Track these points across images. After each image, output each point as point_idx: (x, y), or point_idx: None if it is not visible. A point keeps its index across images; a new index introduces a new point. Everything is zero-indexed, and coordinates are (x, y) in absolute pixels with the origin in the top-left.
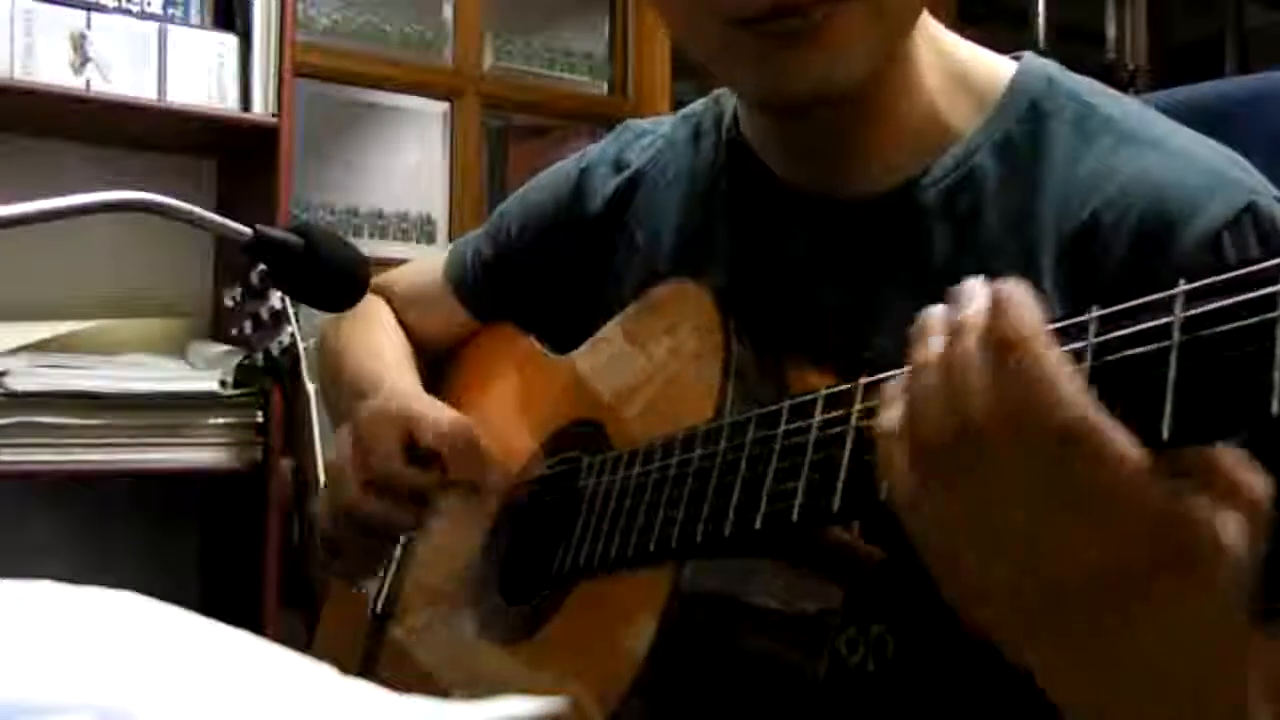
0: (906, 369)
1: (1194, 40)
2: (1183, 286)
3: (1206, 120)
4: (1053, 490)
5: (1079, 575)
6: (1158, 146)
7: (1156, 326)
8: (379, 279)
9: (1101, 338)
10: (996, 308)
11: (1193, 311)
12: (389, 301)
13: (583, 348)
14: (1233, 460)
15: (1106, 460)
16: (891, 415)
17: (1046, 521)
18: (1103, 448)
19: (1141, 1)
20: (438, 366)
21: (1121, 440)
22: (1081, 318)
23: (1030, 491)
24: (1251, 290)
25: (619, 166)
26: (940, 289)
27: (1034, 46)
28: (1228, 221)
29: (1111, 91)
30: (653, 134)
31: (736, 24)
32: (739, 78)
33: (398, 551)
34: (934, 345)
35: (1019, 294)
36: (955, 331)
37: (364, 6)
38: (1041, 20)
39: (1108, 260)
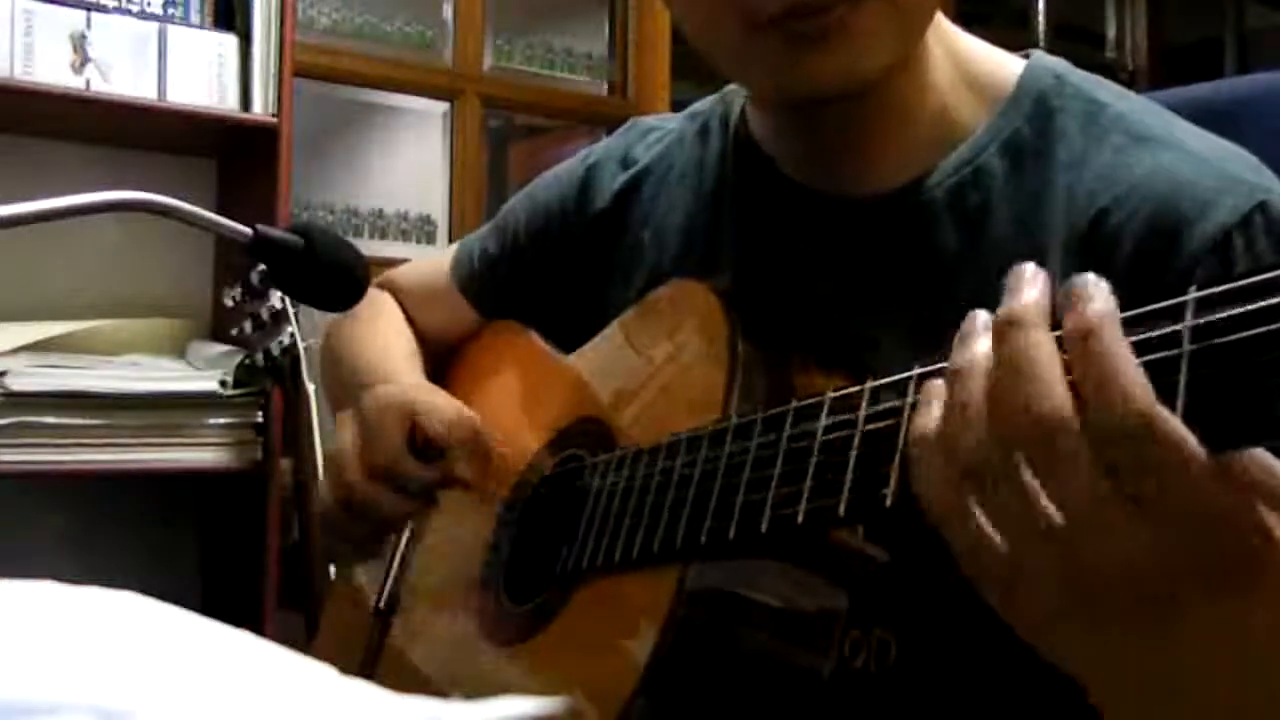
0: (945, 369)
1: (1194, 40)
2: (1193, 294)
3: (1206, 120)
4: (1114, 490)
5: (1134, 584)
6: (1169, 146)
7: (1167, 333)
8: (386, 275)
9: None
10: (1069, 296)
11: (1203, 320)
12: (396, 297)
13: (588, 346)
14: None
15: (1174, 460)
16: (928, 420)
17: (1101, 523)
18: (1173, 446)
19: (1141, 2)
20: (442, 363)
21: (1192, 441)
22: None
23: (1090, 491)
24: (1263, 298)
25: (626, 163)
26: (948, 286)
27: (1034, 47)
28: (1238, 222)
29: (1121, 89)
30: (660, 131)
31: (757, 25)
32: (759, 77)
33: (401, 548)
34: (980, 346)
35: (1090, 281)
36: (1014, 323)
37: (364, 6)
38: (1041, 20)
39: (1117, 258)
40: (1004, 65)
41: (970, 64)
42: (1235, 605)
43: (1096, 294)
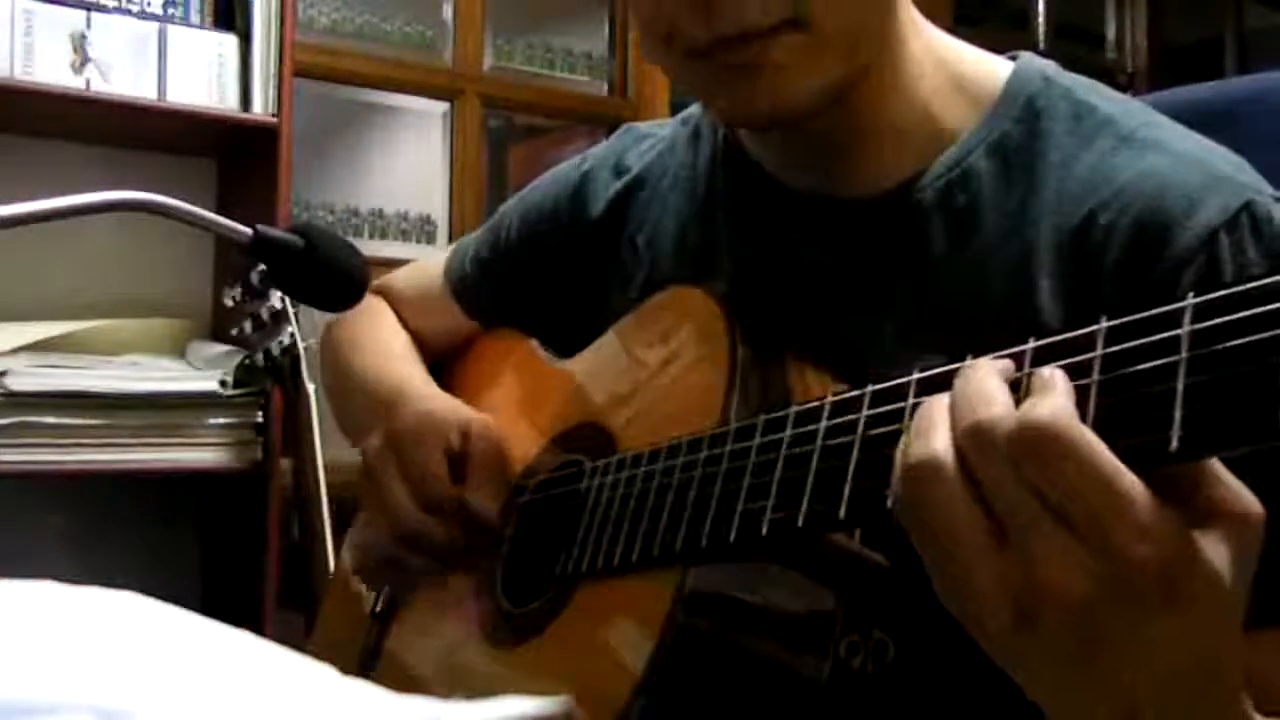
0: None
1: (1194, 41)
2: (1191, 300)
3: (1206, 120)
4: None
5: (1073, 612)
6: (1157, 148)
7: (1165, 339)
8: (379, 280)
9: (1110, 349)
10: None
11: (1201, 325)
12: (391, 303)
13: (586, 351)
14: (1223, 481)
15: (1120, 506)
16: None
17: (1053, 560)
18: (1123, 496)
19: (1141, 2)
20: (440, 370)
21: (1137, 488)
22: (1089, 329)
23: (1048, 538)
24: (1260, 305)
25: (619, 170)
26: (938, 287)
27: (1033, 47)
28: (1225, 220)
29: (1110, 91)
30: (653, 137)
31: (691, 53)
32: (702, 100)
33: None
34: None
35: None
36: (976, 439)
37: (364, 6)
38: (1041, 21)
39: (1105, 259)
40: (992, 67)
41: (958, 67)
42: (1163, 623)
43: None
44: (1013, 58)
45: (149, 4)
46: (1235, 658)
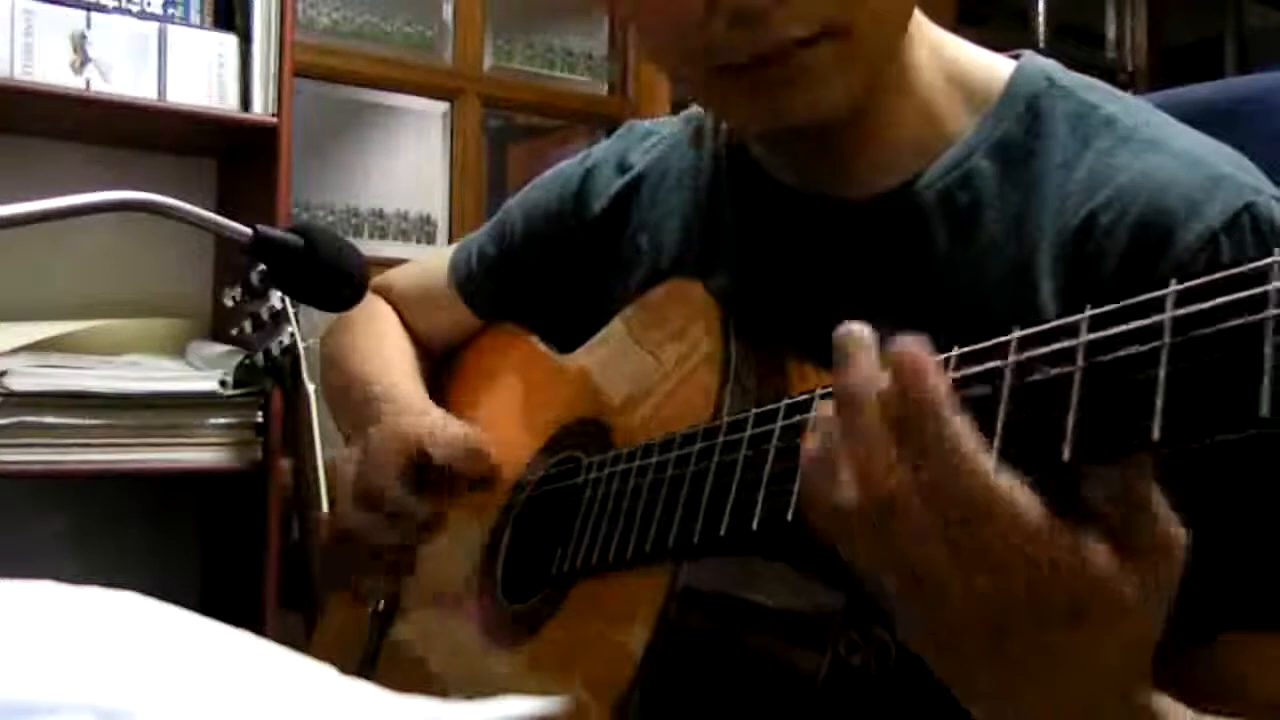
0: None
1: (1194, 40)
2: (1174, 286)
3: (1206, 120)
4: (956, 546)
5: (981, 621)
6: (1158, 147)
7: (1147, 326)
8: (379, 278)
9: (1092, 336)
10: (900, 374)
11: (1183, 311)
12: (390, 301)
13: (585, 347)
14: (1143, 508)
15: (1006, 520)
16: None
17: (950, 571)
18: (1005, 510)
19: (1141, 2)
20: (441, 366)
21: (1022, 500)
22: (1073, 318)
23: (936, 546)
24: (1241, 290)
25: (623, 168)
26: (939, 287)
27: (1034, 47)
28: (1225, 222)
29: (1113, 90)
30: (657, 135)
31: (723, 69)
32: (729, 113)
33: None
34: (832, 415)
35: (920, 358)
36: (853, 403)
37: (364, 6)
38: (1041, 21)
39: (1106, 260)
40: (995, 68)
41: (960, 67)
42: (1068, 639)
43: (927, 366)
44: (1016, 57)
45: (149, 4)
46: (1143, 677)
